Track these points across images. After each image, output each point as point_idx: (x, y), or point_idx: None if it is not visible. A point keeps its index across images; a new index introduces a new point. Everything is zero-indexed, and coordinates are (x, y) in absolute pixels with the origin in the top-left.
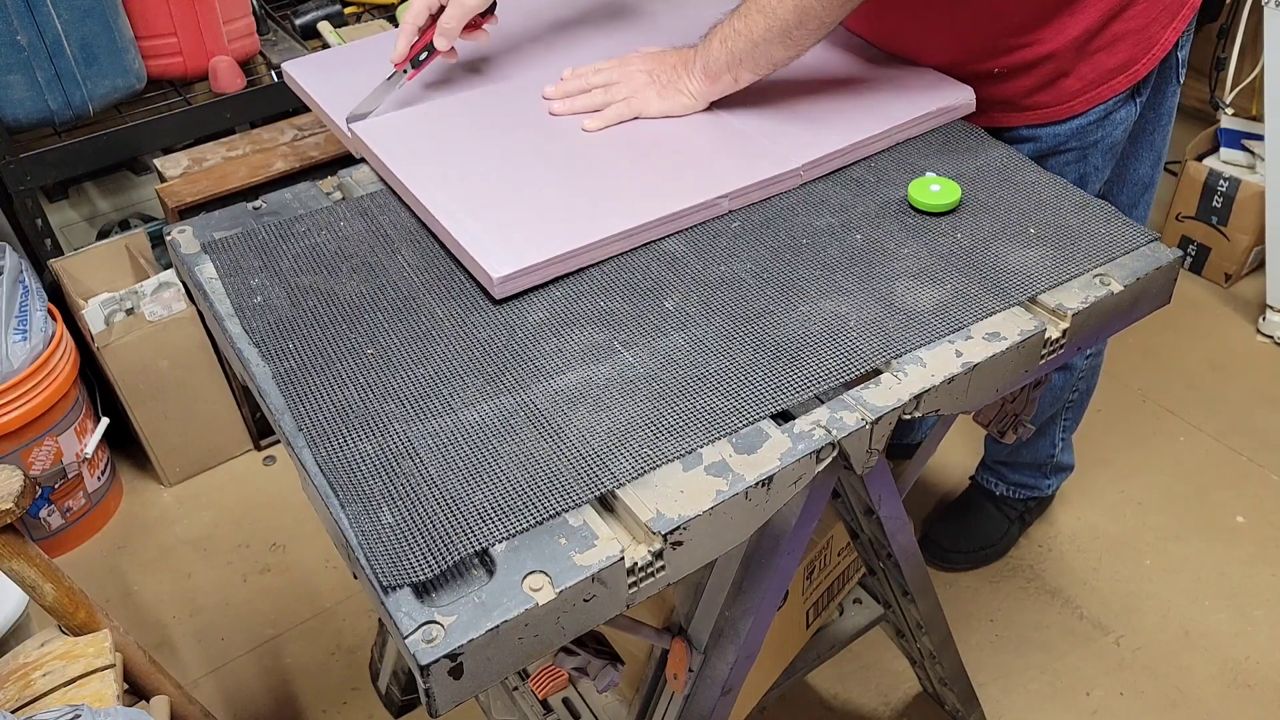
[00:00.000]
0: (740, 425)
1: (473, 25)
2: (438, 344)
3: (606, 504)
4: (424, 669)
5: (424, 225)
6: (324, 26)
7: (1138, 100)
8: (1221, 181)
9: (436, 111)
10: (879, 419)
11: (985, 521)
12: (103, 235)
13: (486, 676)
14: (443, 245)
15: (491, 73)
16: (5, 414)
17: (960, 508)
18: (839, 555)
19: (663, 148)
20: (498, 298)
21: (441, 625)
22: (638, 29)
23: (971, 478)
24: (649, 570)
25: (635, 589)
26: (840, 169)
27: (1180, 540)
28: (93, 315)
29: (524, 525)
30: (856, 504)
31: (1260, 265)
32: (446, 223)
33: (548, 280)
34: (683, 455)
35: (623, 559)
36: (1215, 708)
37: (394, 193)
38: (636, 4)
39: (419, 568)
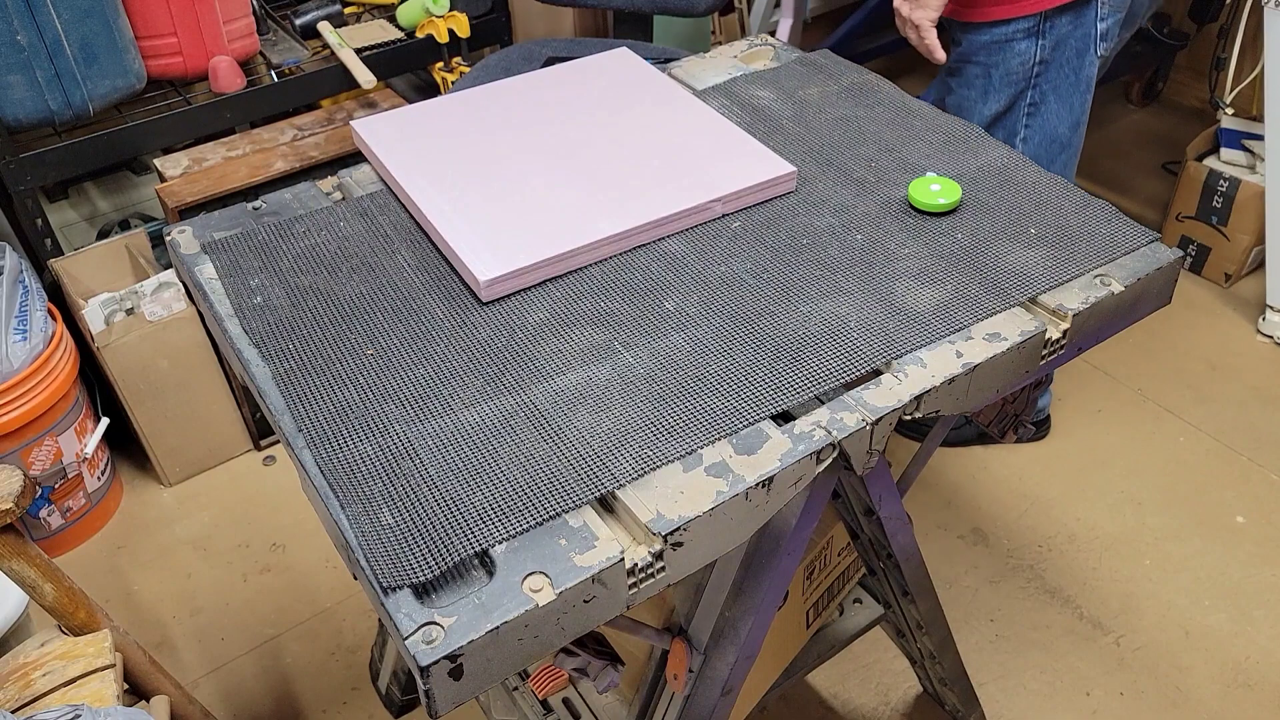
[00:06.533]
0: (740, 426)
1: None
2: (438, 344)
3: (606, 505)
4: (424, 670)
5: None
6: (324, 26)
7: (1040, 43)
8: (1221, 181)
9: (437, 111)
10: (879, 419)
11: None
12: (103, 235)
13: (486, 677)
14: (437, 246)
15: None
16: (5, 414)
17: None
18: (839, 555)
19: (659, 150)
20: (484, 300)
21: (441, 626)
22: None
23: None
24: (649, 571)
25: (635, 590)
26: (840, 169)
27: (1180, 540)
28: (93, 315)
29: (524, 526)
30: (856, 504)
31: (1260, 265)
32: (438, 224)
33: (537, 283)
34: (683, 456)
35: (623, 560)
36: (1215, 708)
37: (394, 193)
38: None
39: (419, 568)
